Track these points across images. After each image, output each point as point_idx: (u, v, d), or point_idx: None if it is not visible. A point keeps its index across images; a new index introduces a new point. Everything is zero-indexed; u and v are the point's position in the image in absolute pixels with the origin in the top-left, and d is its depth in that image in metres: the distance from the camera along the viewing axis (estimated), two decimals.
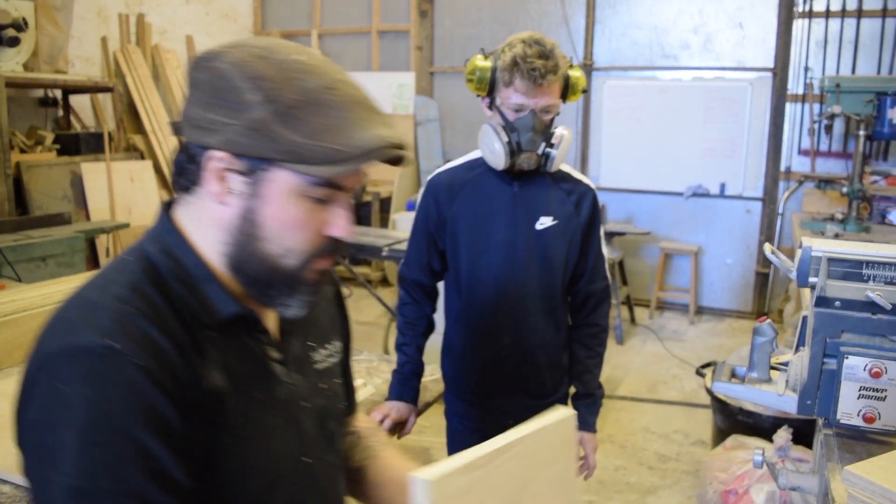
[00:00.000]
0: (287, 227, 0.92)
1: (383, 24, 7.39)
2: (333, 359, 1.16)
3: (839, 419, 1.42)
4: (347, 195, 0.96)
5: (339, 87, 0.92)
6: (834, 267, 1.45)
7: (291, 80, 0.89)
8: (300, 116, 0.87)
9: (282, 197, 0.91)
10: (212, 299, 0.95)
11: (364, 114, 0.92)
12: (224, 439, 0.92)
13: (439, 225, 2.05)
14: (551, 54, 1.83)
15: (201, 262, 0.95)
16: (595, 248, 2.07)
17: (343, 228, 0.96)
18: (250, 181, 0.91)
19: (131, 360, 0.82)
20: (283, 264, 0.94)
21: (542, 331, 2.04)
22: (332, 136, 0.88)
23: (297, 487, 1.03)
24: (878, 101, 4.29)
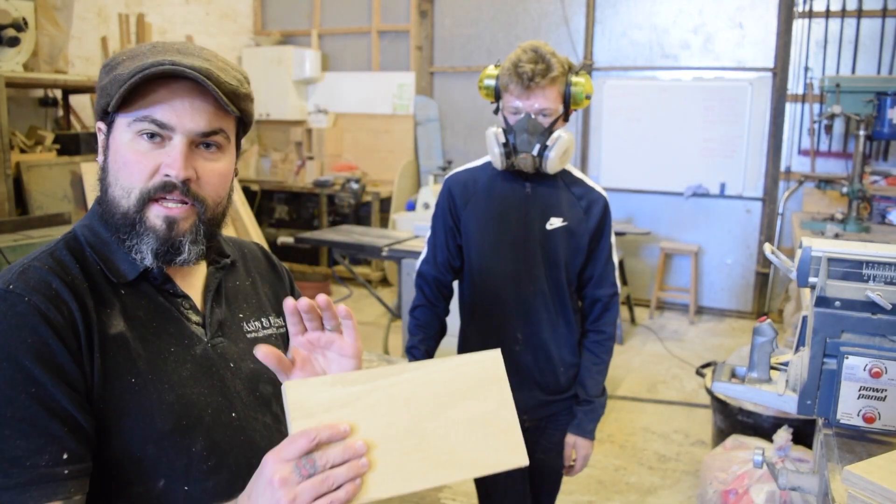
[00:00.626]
0: (122, 167, 1.04)
1: (383, 24, 7.39)
2: (269, 330, 1.24)
3: (839, 419, 1.42)
4: (181, 135, 1.03)
5: (165, 45, 1.07)
6: (834, 267, 1.45)
7: (130, 50, 1.07)
8: (116, 67, 1.04)
9: (118, 141, 1.04)
10: (119, 263, 1.07)
11: (170, 54, 1.05)
12: (130, 378, 1.01)
13: (456, 221, 2.11)
14: (543, 59, 1.90)
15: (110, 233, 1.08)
16: (604, 255, 2.12)
17: (169, 164, 1.03)
18: (107, 139, 1.07)
19: (24, 299, 0.95)
20: (123, 205, 1.04)
21: (554, 327, 2.08)
22: (125, 68, 1.03)
23: (222, 438, 1.08)
24: (877, 101, 4.28)
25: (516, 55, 1.92)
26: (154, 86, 1.01)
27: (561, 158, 1.97)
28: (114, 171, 1.05)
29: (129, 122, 1.03)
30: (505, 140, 1.97)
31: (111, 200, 1.06)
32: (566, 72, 1.96)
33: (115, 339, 1.01)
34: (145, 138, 1.03)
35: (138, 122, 1.02)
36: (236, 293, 1.23)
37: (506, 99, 1.97)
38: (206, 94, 1.04)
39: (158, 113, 1.02)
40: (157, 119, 1.02)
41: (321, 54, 7.59)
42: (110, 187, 1.06)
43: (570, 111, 2.01)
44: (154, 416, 1.01)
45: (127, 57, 1.05)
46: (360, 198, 6.81)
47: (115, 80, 1.02)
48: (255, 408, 1.15)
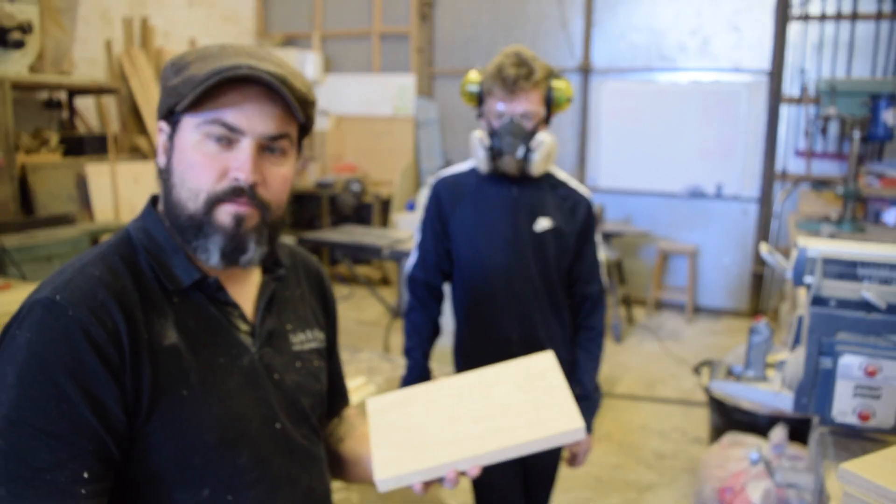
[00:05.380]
0: (188, 168, 1.02)
1: (384, 27, 7.41)
2: (312, 344, 1.24)
3: (834, 417, 1.44)
4: (250, 138, 1.03)
5: (234, 47, 1.05)
6: (829, 267, 1.47)
7: (197, 51, 1.05)
8: (186, 67, 1.03)
9: (185, 142, 1.03)
10: (174, 269, 1.06)
11: (243, 57, 1.03)
12: (182, 391, 1.01)
13: (444, 225, 2.13)
14: (525, 63, 1.94)
15: (169, 236, 1.07)
16: (590, 253, 2.16)
17: (238, 168, 1.02)
18: (171, 140, 1.05)
19: (67, 312, 0.94)
20: (190, 207, 1.03)
21: (548, 326, 2.12)
22: (197, 69, 1.01)
23: (265, 450, 1.09)
24: (872, 103, 4.32)
25: (499, 60, 1.96)
26: (226, 88, 1.01)
27: (545, 160, 2.01)
28: (179, 173, 1.03)
29: (198, 123, 1.01)
30: (489, 143, 2.00)
31: (176, 202, 1.04)
32: (548, 76, 2.00)
33: (168, 351, 1.00)
34: (213, 141, 1.01)
35: (208, 125, 1.01)
36: (286, 303, 1.22)
37: (489, 103, 2.01)
38: (276, 99, 1.03)
39: (229, 116, 1.01)
40: (227, 122, 1.01)
41: (323, 56, 7.61)
42: (175, 189, 1.04)
43: (551, 115, 2.05)
44: (202, 429, 1.01)
45: (196, 58, 1.03)
46: (361, 198, 6.84)
47: (189, 81, 1.00)
48: (296, 420, 1.15)
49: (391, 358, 2.54)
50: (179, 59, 1.05)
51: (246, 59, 1.02)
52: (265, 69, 1.01)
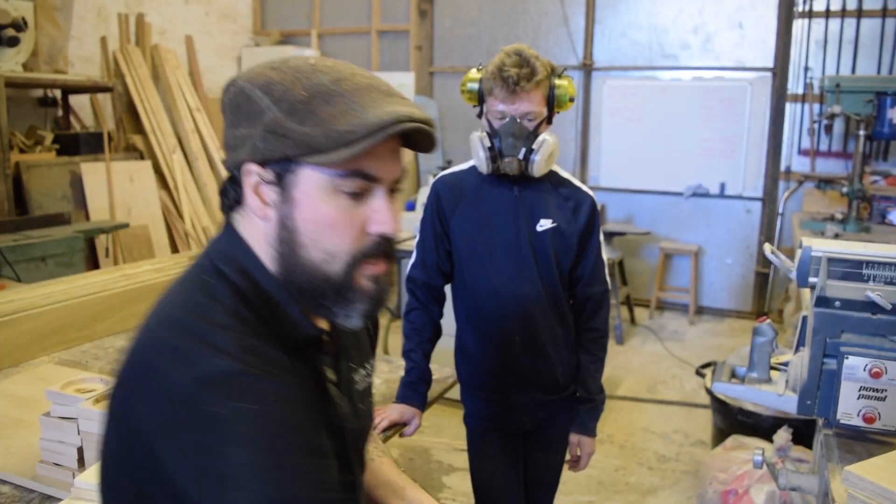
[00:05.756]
0: (323, 227, 0.89)
1: (383, 24, 7.39)
2: (369, 379, 1.15)
3: (839, 419, 1.42)
4: (384, 186, 0.92)
5: (349, 79, 0.90)
6: (834, 267, 1.45)
7: (300, 80, 0.88)
8: (310, 109, 0.86)
9: (312, 196, 0.89)
10: (292, 321, 0.93)
11: (376, 96, 0.89)
12: None
13: (445, 226, 2.10)
14: (528, 63, 1.90)
15: (281, 287, 0.93)
16: (593, 253, 2.12)
17: (383, 222, 0.91)
18: (281, 188, 0.89)
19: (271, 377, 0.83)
20: (327, 271, 0.90)
21: (551, 327, 2.08)
22: (342, 119, 0.86)
23: None
24: (877, 101, 4.28)
25: (500, 59, 1.91)
26: None
27: (546, 161, 1.97)
28: (310, 232, 0.89)
29: (332, 177, 0.88)
30: (490, 144, 1.97)
31: (307, 265, 0.90)
32: (549, 75, 1.96)
33: None
34: (347, 194, 0.89)
35: (346, 179, 0.88)
36: (348, 337, 1.10)
37: (490, 103, 1.97)
38: (400, 138, 0.92)
39: (369, 167, 0.89)
40: (367, 173, 0.89)
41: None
42: (304, 249, 0.90)
43: (553, 114, 2.01)
44: None
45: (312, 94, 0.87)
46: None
47: (333, 135, 0.85)
48: (359, 468, 1.10)
49: (391, 359, 2.50)
50: (285, 95, 0.88)
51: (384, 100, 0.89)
52: (421, 117, 0.89)
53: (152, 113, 5.99)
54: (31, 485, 1.44)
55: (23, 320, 2.19)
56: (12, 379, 1.98)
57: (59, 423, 1.47)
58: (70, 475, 1.44)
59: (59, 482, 1.44)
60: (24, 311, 2.22)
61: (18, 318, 2.18)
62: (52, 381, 1.60)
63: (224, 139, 0.94)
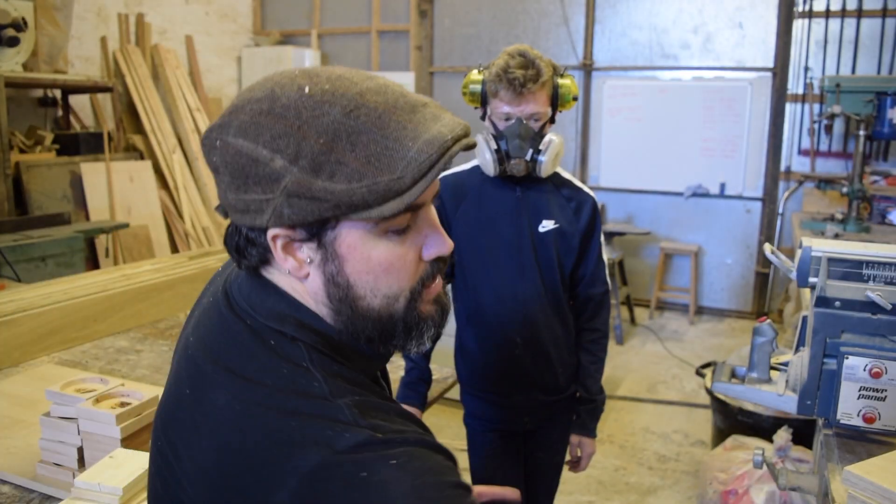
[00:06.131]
0: (378, 275, 0.82)
1: (383, 24, 7.38)
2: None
3: (839, 419, 1.42)
4: (427, 206, 0.85)
5: (362, 105, 0.77)
6: (834, 267, 1.44)
7: (308, 123, 0.76)
8: (334, 160, 0.75)
9: (358, 249, 0.81)
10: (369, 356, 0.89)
11: (404, 118, 0.78)
12: None
13: (446, 227, 2.09)
14: (533, 64, 1.89)
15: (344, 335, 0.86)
16: (594, 254, 2.12)
17: (439, 245, 0.85)
18: (319, 246, 0.81)
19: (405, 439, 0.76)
20: (392, 313, 0.85)
21: (552, 328, 2.08)
22: (379, 166, 0.75)
23: None
24: (877, 101, 4.28)
25: (504, 61, 1.90)
26: None
27: (553, 162, 1.97)
28: (366, 284, 0.83)
29: (377, 223, 0.79)
30: (497, 146, 1.96)
31: (369, 314, 0.84)
32: (553, 74, 1.96)
33: None
34: (395, 232, 0.81)
35: (389, 221, 0.79)
36: None
37: (494, 105, 1.96)
38: None
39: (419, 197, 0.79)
40: (415, 205, 0.81)
41: (321, 54, 7.58)
42: (362, 300, 0.83)
43: (556, 113, 2.01)
44: None
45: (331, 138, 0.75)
46: None
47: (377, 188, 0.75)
48: None
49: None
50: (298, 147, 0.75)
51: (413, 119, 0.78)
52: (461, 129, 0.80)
53: (152, 113, 5.99)
54: (32, 485, 1.44)
55: (23, 320, 2.19)
56: (12, 379, 1.98)
57: (59, 423, 1.47)
58: (70, 475, 1.44)
59: (59, 482, 1.44)
60: (24, 311, 2.22)
61: (18, 318, 2.18)
62: (52, 381, 1.60)
63: (225, 199, 0.82)
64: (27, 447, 1.55)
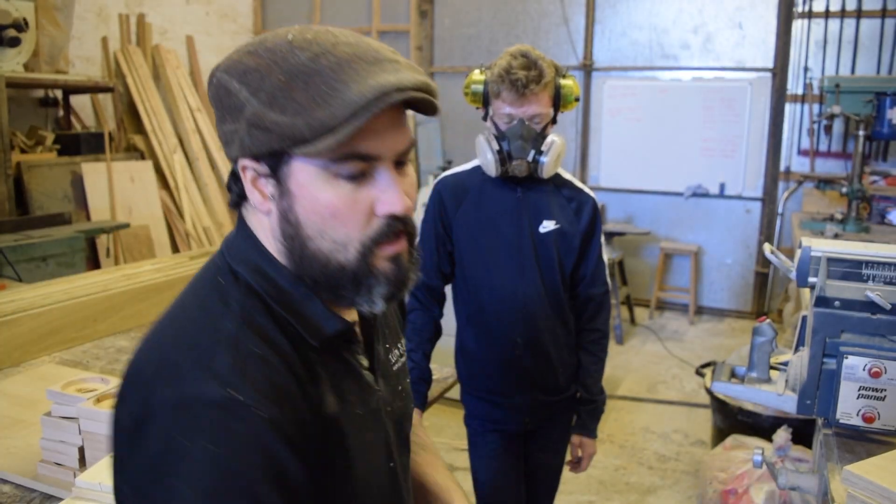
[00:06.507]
0: (325, 217, 0.84)
1: (383, 24, 7.38)
2: (403, 358, 1.12)
3: (839, 419, 1.42)
4: (386, 162, 0.85)
5: (331, 52, 0.81)
6: (833, 267, 1.44)
7: (277, 63, 0.81)
8: (289, 96, 0.79)
9: (308, 187, 0.83)
10: (316, 318, 0.89)
11: (361, 66, 0.81)
12: (338, 462, 0.88)
13: (447, 227, 2.09)
14: (535, 65, 1.89)
15: (296, 282, 0.88)
16: (595, 254, 2.12)
17: (391, 202, 0.85)
18: (277, 180, 0.85)
19: (256, 413, 0.76)
20: (340, 260, 0.85)
21: (552, 329, 2.08)
22: (322, 103, 0.78)
23: (385, 494, 1.00)
24: (877, 102, 4.28)
25: (506, 61, 1.90)
26: None
27: (555, 163, 1.98)
28: (315, 224, 0.84)
29: (325, 164, 0.82)
30: (499, 147, 1.96)
31: (316, 255, 0.86)
32: (555, 75, 1.96)
33: (330, 422, 0.88)
34: (346, 179, 0.83)
35: (340, 164, 0.82)
36: (383, 319, 1.08)
37: (496, 105, 1.96)
38: (401, 107, 0.85)
39: (366, 147, 0.82)
40: (364, 153, 0.82)
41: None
42: (312, 241, 0.85)
43: (558, 113, 2.01)
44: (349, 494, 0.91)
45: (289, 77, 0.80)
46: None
47: (315, 121, 0.78)
48: (401, 450, 1.06)
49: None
50: (262, 82, 0.81)
51: (369, 70, 0.81)
52: (412, 84, 0.81)
53: (153, 113, 5.99)
54: (32, 484, 1.44)
55: (23, 320, 2.19)
56: (12, 379, 1.98)
57: (59, 422, 1.47)
58: (71, 475, 1.44)
59: (61, 482, 1.44)
60: (24, 311, 2.22)
61: (19, 318, 2.18)
62: (53, 381, 1.60)
63: (217, 133, 0.90)
64: (28, 447, 1.55)
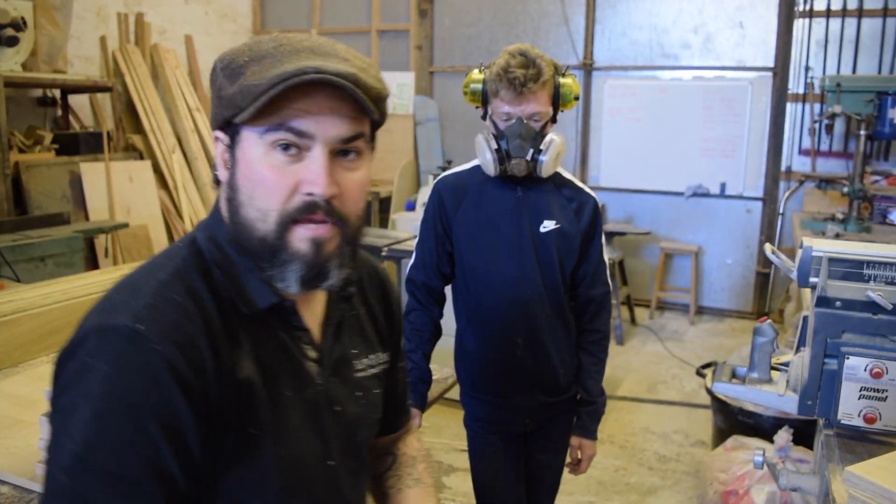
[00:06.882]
0: (255, 184, 0.91)
1: (383, 24, 7.38)
2: (374, 370, 1.15)
3: (840, 419, 1.42)
4: (321, 144, 0.91)
5: (292, 44, 0.92)
6: (834, 267, 1.45)
7: (250, 48, 0.93)
8: (242, 72, 0.91)
9: (248, 155, 0.92)
10: (251, 290, 0.95)
11: (306, 55, 0.91)
12: (250, 430, 0.93)
13: (447, 227, 2.09)
14: (533, 63, 1.88)
15: (242, 251, 0.95)
16: (595, 254, 2.12)
17: (312, 181, 0.91)
18: (232, 152, 0.94)
19: (155, 348, 0.84)
20: (261, 230, 0.92)
21: (553, 329, 2.08)
22: (258, 77, 0.89)
23: (320, 492, 1.03)
24: (878, 101, 4.29)
25: (505, 60, 1.90)
26: (291, 92, 0.88)
27: (554, 162, 1.97)
28: (246, 190, 0.92)
29: (262, 133, 0.90)
30: (497, 146, 1.96)
31: (244, 223, 0.93)
32: (554, 74, 1.95)
33: (242, 385, 0.92)
34: (281, 150, 0.90)
35: (272, 133, 0.90)
36: (352, 324, 1.13)
37: (495, 104, 1.95)
38: (346, 97, 0.91)
39: (296, 122, 0.89)
40: (295, 128, 0.90)
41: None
42: (242, 207, 0.93)
43: (557, 112, 2.00)
44: (264, 472, 0.94)
45: (251, 59, 0.91)
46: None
47: (248, 91, 0.89)
48: (348, 454, 1.09)
49: None
50: (231, 62, 0.93)
51: (308, 57, 0.90)
52: (334, 70, 0.89)
53: (152, 113, 5.99)
54: (31, 485, 1.44)
55: (23, 320, 2.18)
56: (12, 379, 1.98)
57: None
58: None
59: None
60: (23, 311, 2.21)
61: (18, 318, 2.17)
62: None
63: None
64: (27, 447, 1.55)
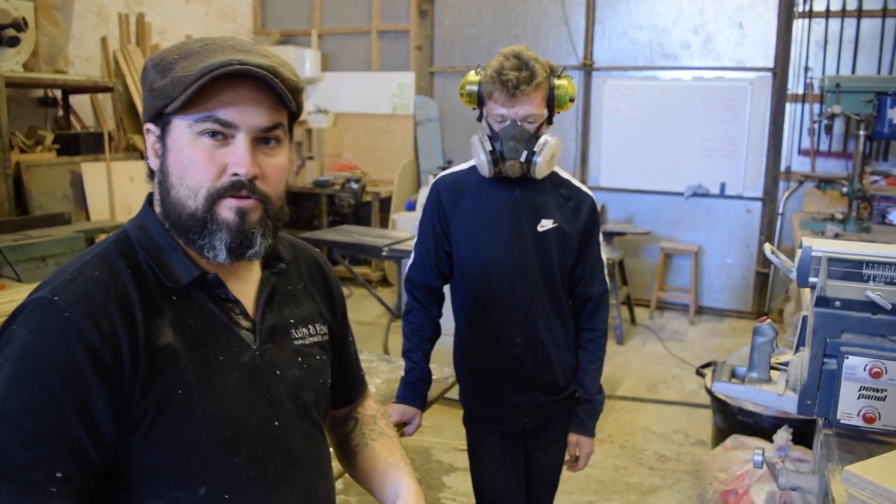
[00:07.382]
0: (186, 166, 1.03)
1: (383, 24, 7.38)
2: (315, 338, 1.24)
3: (839, 419, 1.42)
4: (245, 132, 1.04)
5: (218, 42, 1.05)
6: (834, 267, 1.45)
7: (179, 47, 1.05)
8: (172, 67, 1.02)
9: (179, 142, 1.03)
10: (173, 267, 1.06)
11: (229, 51, 1.03)
12: (178, 390, 1.01)
13: (445, 227, 2.09)
14: (526, 66, 1.89)
15: (167, 234, 1.08)
16: (593, 253, 2.12)
17: (237, 164, 1.03)
18: (163, 142, 1.05)
19: (65, 314, 0.95)
20: (191, 206, 1.03)
21: (552, 328, 2.08)
22: (187, 70, 1.00)
23: (264, 450, 1.09)
24: (877, 101, 4.28)
25: (499, 62, 1.90)
26: (216, 85, 1.00)
27: (548, 163, 1.97)
28: (177, 173, 1.04)
29: (191, 122, 1.02)
30: (491, 147, 1.96)
31: (176, 202, 1.05)
32: (549, 76, 1.95)
33: (164, 351, 1.01)
34: (208, 137, 1.02)
35: (201, 123, 1.01)
36: (287, 297, 1.23)
37: (490, 106, 1.96)
38: (266, 90, 1.04)
39: (222, 112, 1.02)
40: (221, 118, 1.02)
41: (321, 54, 7.58)
42: (173, 189, 1.04)
43: (553, 114, 2.01)
44: (199, 428, 1.02)
45: (180, 56, 1.03)
46: (359, 198, 6.79)
47: (178, 82, 1.00)
48: (295, 416, 1.16)
49: (390, 359, 2.51)
50: (161, 60, 1.04)
51: (232, 53, 1.02)
52: (255, 63, 1.01)
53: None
54: None
55: None
56: None
57: None
58: None
59: None
60: None
61: None
62: None
63: None
64: None
